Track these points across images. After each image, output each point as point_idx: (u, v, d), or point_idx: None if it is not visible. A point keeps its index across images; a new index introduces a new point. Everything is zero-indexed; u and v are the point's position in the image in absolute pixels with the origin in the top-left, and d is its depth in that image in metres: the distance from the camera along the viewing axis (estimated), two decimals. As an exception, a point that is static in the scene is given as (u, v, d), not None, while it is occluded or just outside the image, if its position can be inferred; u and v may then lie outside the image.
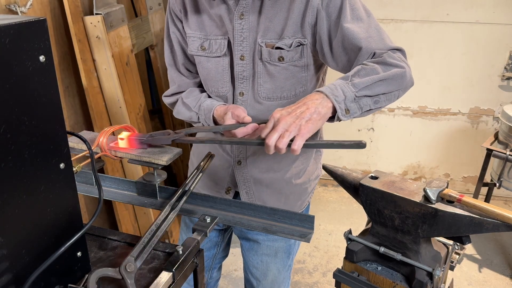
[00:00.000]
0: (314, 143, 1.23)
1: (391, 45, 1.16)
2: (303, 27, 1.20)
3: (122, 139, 1.11)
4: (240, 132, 1.13)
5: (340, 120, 1.07)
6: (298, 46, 1.21)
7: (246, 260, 1.64)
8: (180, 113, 1.41)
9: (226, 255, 1.77)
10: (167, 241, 2.52)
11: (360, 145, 0.97)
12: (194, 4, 1.29)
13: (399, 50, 1.16)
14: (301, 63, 1.24)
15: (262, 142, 1.01)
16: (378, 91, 1.08)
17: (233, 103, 1.33)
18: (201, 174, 1.12)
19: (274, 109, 1.06)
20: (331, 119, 1.07)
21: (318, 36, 1.20)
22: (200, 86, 1.44)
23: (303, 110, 1.01)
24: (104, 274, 0.79)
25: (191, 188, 1.07)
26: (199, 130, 1.32)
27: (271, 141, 0.98)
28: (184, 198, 1.05)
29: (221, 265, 1.80)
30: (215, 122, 1.28)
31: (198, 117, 1.34)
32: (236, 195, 1.47)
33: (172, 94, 1.46)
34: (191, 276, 0.94)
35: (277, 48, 1.21)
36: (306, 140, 0.99)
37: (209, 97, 1.38)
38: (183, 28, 1.34)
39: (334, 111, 1.05)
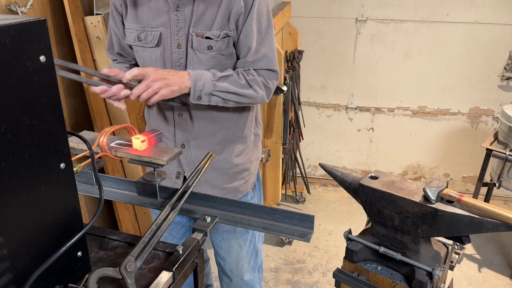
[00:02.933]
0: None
1: (268, 65, 1.43)
2: (229, 21, 1.36)
3: (143, 141, 1.11)
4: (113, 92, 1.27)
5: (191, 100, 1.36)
6: (225, 37, 1.37)
7: (212, 242, 1.74)
8: None
9: (204, 240, 1.85)
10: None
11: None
12: None
13: (274, 71, 1.45)
14: (227, 52, 1.40)
15: (120, 82, 1.27)
16: (229, 98, 1.38)
17: None
18: (201, 173, 1.12)
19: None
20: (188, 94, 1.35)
21: (237, 30, 1.39)
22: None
23: (171, 79, 1.29)
24: (105, 274, 0.79)
25: (191, 188, 1.08)
26: (84, 70, 1.36)
27: (139, 89, 1.26)
28: (184, 198, 1.05)
29: (204, 248, 1.90)
30: None
31: None
32: (185, 180, 1.52)
33: None
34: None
35: (207, 38, 1.36)
36: None
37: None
38: (122, 21, 1.47)
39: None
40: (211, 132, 1.49)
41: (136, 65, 1.55)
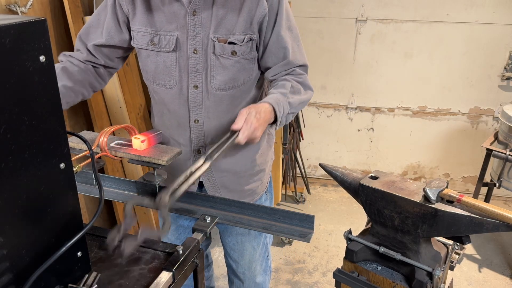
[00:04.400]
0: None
1: (305, 60, 1.44)
2: (252, 25, 1.32)
3: (143, 141, 1.11)
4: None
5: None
6: (249, 41, 1.34)
7: (223, 244, 1.72)
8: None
9: (209, 243, 1.89)
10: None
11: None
12: (145, 1, 1.34)
13: (307, 65, 1.46)
14: (250, 56, 1.37)
15: (234, 134, 1.22)
16: (298, 109, 1.40)
17: (187, 96, 1.39)
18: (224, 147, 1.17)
19: (226, 98, 1.38)
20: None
21: (261, 33, 1.36)
22: (90, 69, 1.44)
23: (264, 119, 1.26)
24: (139, 203, 0.83)
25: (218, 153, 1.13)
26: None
27: (245, 135, 1.21)
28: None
29: (208, 253, 1.93)
30: None
31: None
32: (200, 186, 1.55)
33: (63, 58, 1.44)
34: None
35: (230, 43, 1.32)
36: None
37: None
38: (126, 22, 1.38)
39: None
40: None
41: (105, 67, 1.46)
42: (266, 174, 1.62)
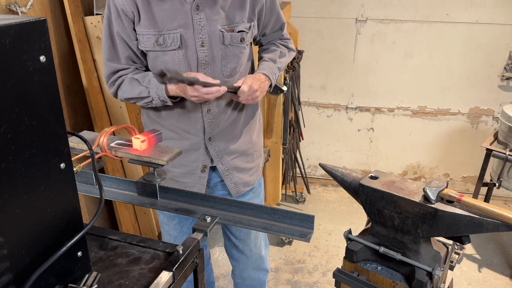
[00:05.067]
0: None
1: (286, 27, 1.69)
2: (253, 13, 1.49)
3: (143, 141, 1.11)
4: (214, 89, 1.35)
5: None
6: (252, 27, 1.50)
7: (228, 228, 1.83)
8: (126, 91, 1.47)
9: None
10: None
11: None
12: (146, 3, 1.36)
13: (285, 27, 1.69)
14: (251, 40, 1.55)
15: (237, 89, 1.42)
16: (282, 68, 1.63)
17: None
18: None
19: (233, 82, 1.48)
20: None
21: (260, 18, 1.54)
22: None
23: (262, 86, 1.49)
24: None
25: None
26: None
27: (244, 97, 1.43)
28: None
29: (206, 244, 2.05)
30: (167, 93, 1.41)
31: (149, 91, 1.42)
32: (210, 172, 1.63)
33: (116, 80, 1.49)
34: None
35: (239, 31, 1.45)
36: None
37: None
38: (134, 28, 1.41)
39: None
40: (234, 120, 1.58)
41: (147, 70, 1.51)
42: (261, 151, 1.79)
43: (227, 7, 1.41)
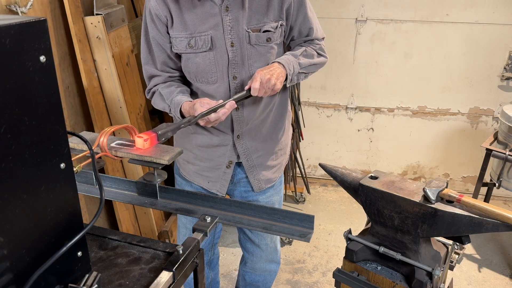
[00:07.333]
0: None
1: (323, 34, 1.68)
2: (282, 11, 1.48)
3: (146, 140, 1.11)
4: (222, 113, 1.36)
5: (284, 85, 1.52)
6: (280, 26, 1.50)
7: (243, 233, 1.86)
8: (156, 103, 1.57)
9: (221, 229, 2.01)
10: (167, 240, 2.53)
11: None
12: (177, 7, 1.42)
13: (324, 37, 1.69)
14: (280, 40, 1.54)
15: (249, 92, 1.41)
16: (309, 70, 1.59)
17: (228, 88, 1.50)
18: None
19: None
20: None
21: (288, 17, 1.52)
22: (177, 80, 1.59)
23: (275, 73, 1.42)
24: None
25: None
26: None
27: (257, 90, 1.38)
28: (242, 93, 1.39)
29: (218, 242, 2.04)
30: (182, 116, 1.45)
31: (170, 109, 1.50)
32: (235, 168, 1.67)
33: (152, 88, 1.59)
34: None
35: (265, 31, 1.46)
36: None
37: (182, 93, 1.52)
38: (168, 32, 1.47)
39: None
40: (263, 119, 1.61)
41: (182, 77, 1.57)
42: (289, 147, 1.80)
43: (254, 7, 1.44)
